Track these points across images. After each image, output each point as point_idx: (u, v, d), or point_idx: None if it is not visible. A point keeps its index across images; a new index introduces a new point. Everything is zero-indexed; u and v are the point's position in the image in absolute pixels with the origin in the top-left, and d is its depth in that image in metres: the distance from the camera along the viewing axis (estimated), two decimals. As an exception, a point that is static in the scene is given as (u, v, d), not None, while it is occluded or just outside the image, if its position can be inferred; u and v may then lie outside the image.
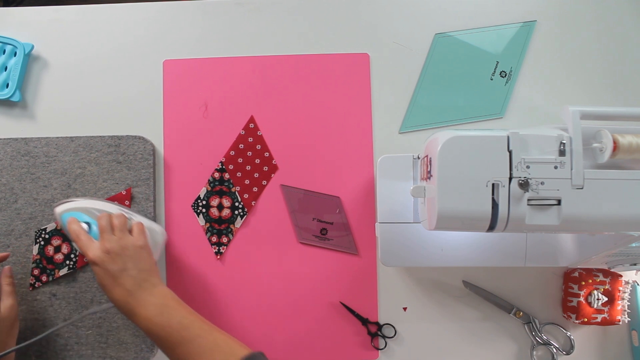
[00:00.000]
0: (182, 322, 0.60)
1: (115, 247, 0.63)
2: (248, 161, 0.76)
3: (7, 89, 0.75)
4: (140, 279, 0.62)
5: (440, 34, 0.78)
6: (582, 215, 0.53)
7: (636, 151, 0.53)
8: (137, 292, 0.61)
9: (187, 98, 0.77)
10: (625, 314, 0.72)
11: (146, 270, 0.63)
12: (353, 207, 0.76)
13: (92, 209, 0.68)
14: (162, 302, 0.61)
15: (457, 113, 0.77)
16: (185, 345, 0.58)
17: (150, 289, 0.62)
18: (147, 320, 0.60)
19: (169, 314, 0.60)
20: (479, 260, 0.69)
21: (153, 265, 0.65)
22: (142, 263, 0.63)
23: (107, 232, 0.64)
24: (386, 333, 0.75)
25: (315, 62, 0.77)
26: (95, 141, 0.75)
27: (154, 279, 0.63)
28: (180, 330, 0.59)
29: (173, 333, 0.59)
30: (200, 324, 0.60)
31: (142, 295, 0.61)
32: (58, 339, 0.73)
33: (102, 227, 0.65)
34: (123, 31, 0.78)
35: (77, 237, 0.64)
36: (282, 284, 0.75)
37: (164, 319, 0.60)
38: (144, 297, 0.61)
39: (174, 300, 0.62)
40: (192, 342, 0.58)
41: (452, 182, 0.54)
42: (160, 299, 0.62)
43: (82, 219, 0.67)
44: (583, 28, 0.78)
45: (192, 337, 0.59)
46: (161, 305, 0.61)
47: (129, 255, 0.63)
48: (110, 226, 0.65)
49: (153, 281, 0.63)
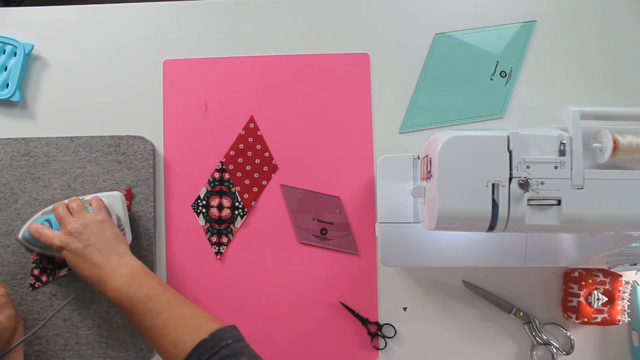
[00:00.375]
0: (150, 293, 0.59)
1: (77, 227, 0.63)
2: (248, 161, 0.76)
3: (7, 89, 0.75)
4: (106, 251, 0.62)
5: (440, 34, 0.78)
6: (582, 215, 0.53)
7: (636, 151, 0.53)
8: (105, 263, 0.61)
9: (187, 98, 0.77)
10: (625, 314, 0.72)
11: (111, 242, 0.63)
12: (353, 207, 0.76)
13: (46, 210, 0.70)
14: (131, 272, 0.61)
15: (457, 113, 0.77)
16: (151, 317, 0.57)
17: (117, 259, 0.62)
18: (115, 291, 0.60)
19: (137, 285, 0.59)
20: (479, 260, 0.69)
21: (118, 235, 0.65)
22: (106, 235, 0.63)
23: (66, 217, 0.64)
24: (386, 333, 0.75)
25: (315, 62, 0.77)
26: (95, 141, 0.75)
27: (120, 248, 0.63)
28: (147, 301, 0.58)
29: (140, 304, 0.58)
30: (169, 295, 0.59)
31: (110, 265, 0.61)
32: (58, 339, 0.73)
33: (59, 215, 0.65)
34: (123, 31, 0.78)
35: (40, 234, 0.65)
36: (282, 284, 0.75)
37: (132, 290, 0.59)
38: (112, 267, 0.61)
39: (143, 271, 0.62)
40: (158, 315, 0.57)
41: (452, 182, 0.54)
42: (129, 269, 0.61)
43: (40, 220, 0.68)
44: (583, 28, 0.78)
45: (159, 309, 0.58)
46: (129, 275, 0.60)
47: (91, 230, 0.63)
48: (67, 211, 0.65)
49: (120, 250, 0.63)
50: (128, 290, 0.59)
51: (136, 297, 0.59)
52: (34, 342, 0.72)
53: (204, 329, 0.56)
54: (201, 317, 0.58)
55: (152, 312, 0.58)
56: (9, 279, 0.73)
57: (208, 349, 0.54)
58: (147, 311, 0.58)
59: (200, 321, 0.57)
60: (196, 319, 0.58)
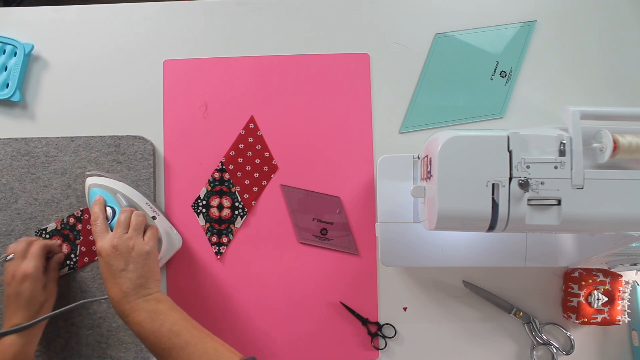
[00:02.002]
0: (173, 328, 0.60)
1: (123, 246, 0.63)
2: (248, 161, 0.76)
3: (7, 89, 0.75)
4: (137, 284, 0.62)
5: (441, 34, 0.78)
6: (582, 215, 0.53)
7: (636, 151, 0.53)
8: (132, 295, 0.61)
9: (187, 98, 0.77)
10: (625, 314, 0.72)
11: (145, 277, 0.63)
12: (353, 207, 0.76)
13: (121, 195, 0.69)
14: (154, 308, 0.61)
15: (457, 113, 0.77)
16: (175, 352, 0.58)
17: (145, 296, 0.62)
18: (138, 325, 0.60)
19: (160, 320, 0.60)
20: (479, 260, 0.69)
21: (155, 272, 0.65)
22: (144, 268, 0.63)
23: (121, 228, 0.65)
24: (386, 333, 0.75)
25: (315, 62, 0.77)
26: (95, 141, 0.75)
27: (151, 285, 0.63)
28: (170, 336, 0.59)
29: (163, 339, 0.59)
30: (192, 330, 0.60)
31: (136, 299, 0.61)
32: (58, 339, 0.73)
33: (119, 221, 0.65)
34: (123, 31, 0.78)
35: (95, 222, 0.65)
36: (282, 284, 0.75)
37: (155, 325, 0.60)
38: (137, 301, 0.61)
39: (166, 306, 0.62)
40: (182, 349, 0.58)
41: (452, 182, 0.54)
42: (153, 305, 0.62)
43: (109, 202, 0.68)
44: (583, 28, 0.78)
45: (183, 344, 0.59)
46: (152, 311, 0.61)
47: (133, 257, 0.63)
48: (127, 222, 0.66)
49: (150, 288, 0.63)
50: (152, 325, 0.60)
51: (160, 332, 0.59)
52: (34, 342, 0.72)
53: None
54: (224, 351, 0.59)
55: (176, 347, 0.59)
56: (9, 279, 0.73)
57: None
58: (171, 346, 0.59)
59: (224, 355, 0.58)
60: (219, 353, 0.59)
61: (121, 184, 0.70)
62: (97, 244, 0.64)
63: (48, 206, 0.74)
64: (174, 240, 0.71)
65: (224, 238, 0.75)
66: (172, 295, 0.75)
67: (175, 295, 0.75)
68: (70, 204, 0.74)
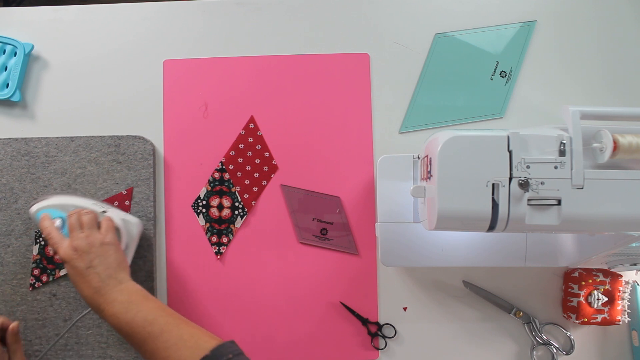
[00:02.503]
0: (147, 317, 0.59)
1: (82, 245, 0.63)
2: (248, 161, 0.76)
3: (7, 89, 0.75)
4: (106, 275, 0.62)
5: (440, 34, 0.78)
6: (582, 215, 0.53)
7: (636, 151, 0.53)
8: (103, 288, 0.61)
9: (187, 98, 0.77)
10: (625, 314, 0.72)
11: (112, 267, 0.63)
12: (353, 207, 0.76)
13: (67, 205, 0.68)
14: (128, 299, 0.61)
15: (457, 113, 0.77)
16: (151, 341, 0.58)
17: (116, 285, 0.62)
18: (113, 317, 0.60)
19: (134, 310, 0.60)
20: (479, 260, 0.69)
21: (122, 261, 0.65)
22: (109, 259, 0.63)
23: (75, 230, 0.64)
24: (386, 333, 0.75)
25: (315, 62, 0.77)
26: (95, 141, 0.75)
27: (120, 274, 0.63)
28: (145, 325, 0.58)
29: (138, 329, 0.58)
30: (167, 318, 0.60)
31: (108, 291, 0.61)
32: (58, 339, 0.73)
33: (71, 224, 0.65)
34: (123, 31, 0.78)
35: (49, 235, 0.65)
36: (282, 284, 0.75)
37: (129, 315, 0.59)
38: (109, 293, 0.61)
39: (140, 296, 0.62)
40: (157, 338, 0.58)
41: (452, 182, 0.54)
42: (126, 295, 0.61)
43: (56, 215, 0.67)
44: (583, 28, 0.78)
45: (158, 332, 0.58)
46: (126, 302, 0.60)
47: (95, 252, 0.63)
48: (79, 223, 0.65)
49: (119, 277, 0.63)
50: (126, 316, 0.59)
51: (134, 322, 0.59)
52: (33, 342, 0.72)
53: (204, 347, 0.56)
54: (200, 336, 0.58)
55: (151, 335, 0.58)
56: (9, 279, 0.73)
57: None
58: (146, 335, 0.58)
59: (200, 340, 0.58)
60: (195, 338, 0.58)
61: (61, 197, 0.70)
62: (59, 253, 0.63)
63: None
64: (132, 225, 0.69)
65: (224, 238, 0.75)
66: (172, 295, 0.75)
67: (175, 295, 0.75)
68: (70, 204, 0.74)
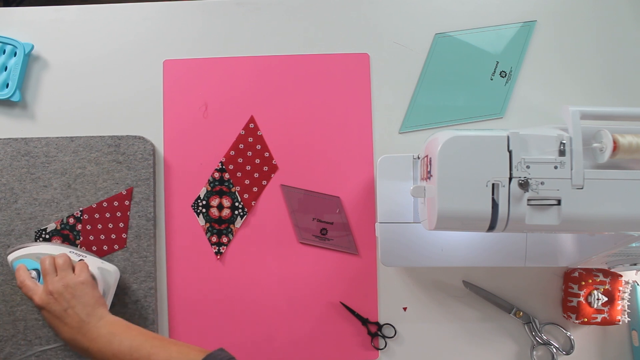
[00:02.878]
0: (132, 344, 0.59)
1: (58, 287, 0.62)
2: (248, 161, 0.76)
3: (7, 89, 0.75)
4: (85, 314, 0.62)
5: (440, 34, 0.78)
6: (582, 215, 0.53)
7: (636, 151, 0.53)
8: (84, 327, 0.61)
9: (187, 98, 0.77)
10: (625, 314, 0.72)
11: (90, 305, 0.62)
12: (353, 207, 0.76)
13: (43, 254, 0.67)
14: (109, 331, 0.61)
15: (457, 113, 0.77)
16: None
17: (96, 322, 0.61)
18: (99, 353, 0.60)
19: (118, 340, 0.60)
20: (479, 260, 0.69)
21: (98, 298, 0.64)
22: (85, 298, 0.63)
23: (49, 274, 0.64)
24: (386, 333, 0.75)
25: (315, 62, 0.77)
26: (95, 141, 0.75)
27: (99, 311, 0.63)
28: (132, 352, 0.59)
29: (126, 357, 0.58)
30: (152, 341, 0.60)
31: (90, 329, 0.61)
32: (58, 339, 0.72)
33: (44, 269, 0.64)
34: (123, 31, 0.78)
35: (22, 284, 0.64)
36: (282, 284, 0.75)
37: (114, 346, 0.59)
38: (92, 330, 0.61)
39: (121, 327, 0.62)
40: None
41: (452, 182, 0.54)
42: (108, 329, 0.61)
43: (31, 266, 0.67)
44: (583, 28, 0.78)
45: (145, 355, 0.58)
46: (108, 334, 0.60)
47: (71, 292, 0.62)
48: (53, 267, 0.64)
49: (99, 314, 0.62)
50: (111, 347, 0.59)
51: (121, 352, 0.59)
52: (33, 342, 0.72)
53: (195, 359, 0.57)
54: (189, 351, 0.59)
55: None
56: (9, 279, 0.73)
57: None
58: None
59: (190, 354, 0.58)
60: (184, 354, 0.58)
61: (40, 245, 0.70)
62: (35, 301, 0.63)
63: (48, 206, 0.74)
64: (109, 272, 0.69)
65: (224, 238, 0.75)
66: (172, 295, 0.75)
67: (175, 295, 0.75)
68: (70, 204, 0.74)
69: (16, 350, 0.71)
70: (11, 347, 0.72)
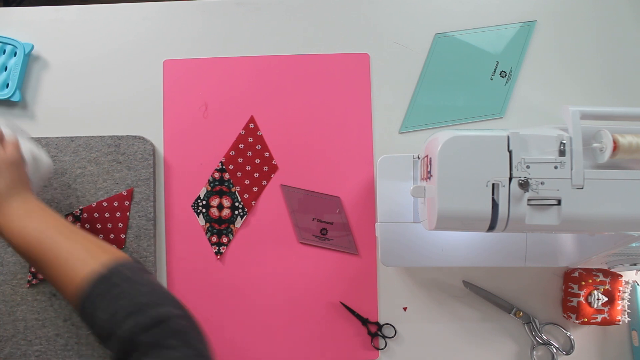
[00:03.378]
0: (41, 228, 0.56)
1: None
2: (248, 161, 0.76)
3: (7, 89, 0.75)
4: (6, 189, 0.57)
5: (440, 34, 0.78)
6: (582, 215, 0.53)
7: (636, 151, 0.53)
8: (3, 204, 0.57)
9: (187, 98, 0.77)
10: (625, 314, 0.72)
11: (16, 187, 0.58)
12: (353, 207, 0.76)
13: None
14: (26, 211, 0.57)
15: (457, 113, 0.77)
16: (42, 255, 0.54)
17: (18, 202, 0.57)
18: (7, 231, 0.56)
19: (30, 223, 0.56)
20: (479, 260, 0.69)
21: (25, 181, 0.60)
22: (12, 176, 0.58)
23: None
24: (386, 333, 0.75)
25: (315, 62, 0.77)
26: (95, 141, 0.75)
27: (24, 193, 0.58)
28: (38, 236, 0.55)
29: (32, 241, 0.55)
30: (64, 229, 0.56)
31: (8, 207, 0.57)
32: (58, 339, 0.72)
33: None
34: (123, 31, 0.78)
35: None
36: (282, 284, 0.75)
37: (24, 229, 0.56)
38: (9, 209, 0.57)
39: (39, 210, 0.58)
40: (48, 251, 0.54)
41: (452, 182, 0.54)
42: (25, 208, 0.57)
43: None
44: (583, 28, 0.78)
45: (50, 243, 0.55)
46: (24, 214, 0.57)
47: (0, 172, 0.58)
48: None
49: (24, 196, 0.58)
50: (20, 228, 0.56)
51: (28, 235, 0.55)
52: (33, 342, 0.72)
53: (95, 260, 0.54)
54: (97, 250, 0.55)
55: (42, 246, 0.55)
56: (9, 279, 0.73)
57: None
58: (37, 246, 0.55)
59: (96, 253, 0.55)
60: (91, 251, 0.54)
61: None
62: None
63: (48, 206, 0.73)
64: (42, 162, 0.65)
65: (224, 238, 0.75)
66: (172, 295, 0.75)
67: (175, 295, 0.75)
68: (70, 204, 0.74)
69: (16, 350, 0.72)
70: (11, 347, 0.72)
